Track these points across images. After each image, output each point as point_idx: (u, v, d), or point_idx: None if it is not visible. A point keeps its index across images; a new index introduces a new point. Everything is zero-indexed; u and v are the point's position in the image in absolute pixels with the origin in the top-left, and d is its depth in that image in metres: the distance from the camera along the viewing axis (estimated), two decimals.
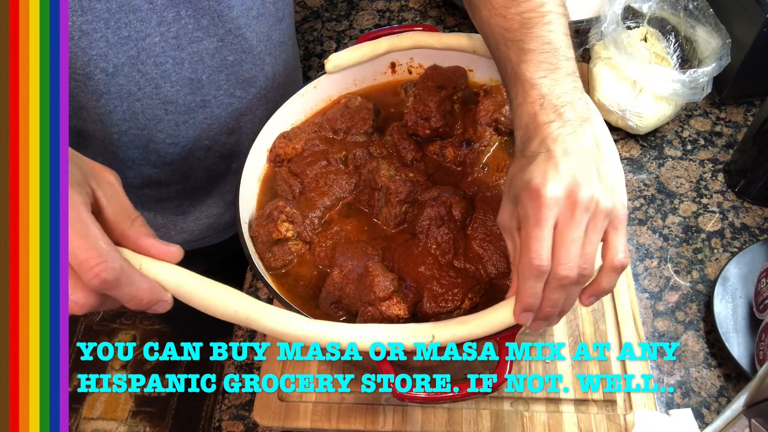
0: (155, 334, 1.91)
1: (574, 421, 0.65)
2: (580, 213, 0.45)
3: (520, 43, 0.53)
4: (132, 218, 0.44)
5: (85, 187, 0.42)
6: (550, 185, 0.45)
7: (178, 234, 0.91)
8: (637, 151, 0.89)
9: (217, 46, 0.71)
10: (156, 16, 0.65)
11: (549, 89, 0.50)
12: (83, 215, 0.39)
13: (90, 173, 0.43)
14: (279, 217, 0.63)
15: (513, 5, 0.55)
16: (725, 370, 0.70)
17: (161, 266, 0.44)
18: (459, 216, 0.62)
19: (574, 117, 0.49)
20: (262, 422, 0.68)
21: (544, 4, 0.54)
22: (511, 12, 0.55)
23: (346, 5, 1.16)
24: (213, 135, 0.79)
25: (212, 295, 0.46)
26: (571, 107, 0.50)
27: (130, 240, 0.44)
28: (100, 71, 0.65)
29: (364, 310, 0.56)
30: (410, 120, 0.71)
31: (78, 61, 0.63)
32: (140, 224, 0.45)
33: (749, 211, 0.82)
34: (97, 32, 0.62)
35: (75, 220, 0.39)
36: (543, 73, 0.51)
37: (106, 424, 1.75)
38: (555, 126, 0.48)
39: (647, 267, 0.79)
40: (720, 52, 0.82)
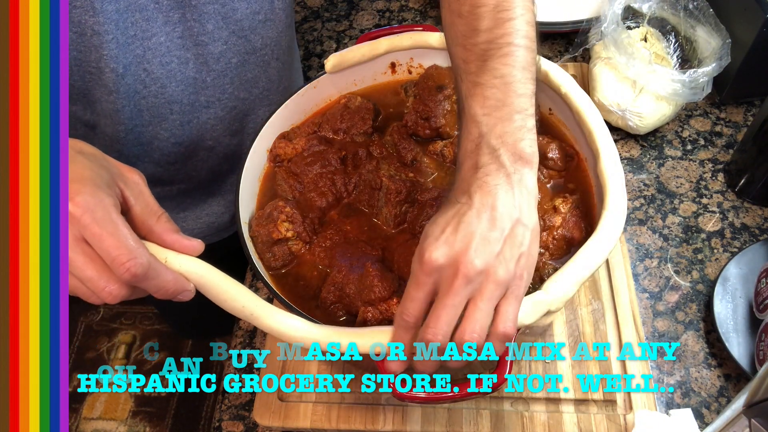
0: (155, 334, 1.91)
1: (574, 421, 0.65)
2: (460, 284, 0.43)
3: (472, 75, 0.50)
4: (158, 215, 0.49)
5: (114, 188, 0.46)
6: (436, 253, 0.44)
7: None
8: (637, 151, 0.89)
9: (222, 49, 0.71)
10: (162, 16, 0.65)
11: (489, 128, 0.47)
12: (113, 216, 0.43)
13: (118, 174, 0.47)
14: (279, 217, 0.63)
15: (473, 35, 0.51)
16: (725, 370, 0.70)
17: (184, 259, 0.49)
18: None
19: (510, 161, 0.46)
20: (262, 422, 0.68)
21: (505, 35, 0.50)
22: (471, 42, 0.52)
23: (346, 5, 1.16)
24: (216, 136, 0.80)
25: (226, 290, 0.50)
26: (510, 149, 0.46)
27: (156, 235, 0.48)
28: (111, 71, 0.65)
29: (364, 310, 0.56)
30: (410, 120, 0.71)
31: (91, 55, 0.63)
32: (165, 220, 0.49)
33: (749, 211, 0.82)
34: (108, 34, 0.62)
35: (106, 221, 0.42)
36: (487, 110, 0.48)
37: (106, 424, 1.75)
38: (483, 172, 0.46)
39: (647, 267, 0.79)
40: (720, 52, 0.82)
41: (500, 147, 0.47)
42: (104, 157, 0.48)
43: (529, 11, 0.52)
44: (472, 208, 0.45)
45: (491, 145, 0.47)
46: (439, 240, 0.44)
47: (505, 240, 0.44)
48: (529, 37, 0.51)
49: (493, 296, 0.44)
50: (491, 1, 0.52)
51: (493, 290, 0.44)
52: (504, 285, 0.44)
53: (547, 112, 0.71)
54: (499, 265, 0.44)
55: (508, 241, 0.44)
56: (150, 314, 1.94)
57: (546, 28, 1.01)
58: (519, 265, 0.45)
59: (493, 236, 0.44)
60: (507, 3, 0.51)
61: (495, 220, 0.44)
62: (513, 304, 0.45)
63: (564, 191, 0.65)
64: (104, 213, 0.42)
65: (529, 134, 0.48)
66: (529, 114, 0.49)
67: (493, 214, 0.45)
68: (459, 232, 0.44)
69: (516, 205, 0.45)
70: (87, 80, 0.66)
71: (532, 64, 0.51)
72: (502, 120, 0.48)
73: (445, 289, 0.44)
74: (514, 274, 0.44)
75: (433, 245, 0.44)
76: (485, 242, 0.44)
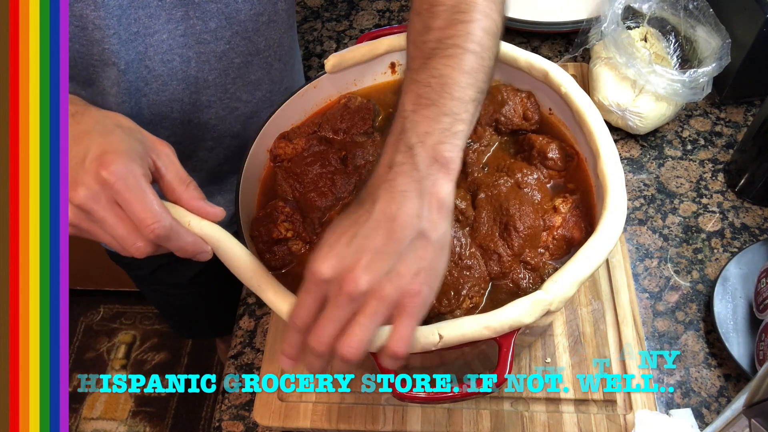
0: (155, 334, 1.91)
1: (574, 421, 0.65)
2: (344, 301, 0.42)
3: (413, 72, 0.49)
4: (186, 183, 0.54)
5: (146, 159, 0.51)
6: (323, 266, 0.43)
7: None
8: (637, 151, 0.89)
9: (225, 48, 0.71)
10: (165, 14, 0.65)
11: (413, 125, 0.46)
12: (142, 184, 0.49)
13: (151, 147, 0.52)
14: (279, 217, 0.63)
15: (425, 33, 0.50)
16: (725, 370, 0.70)
17: (205, 224, 0.53)
18: (459, 216, 0.62)
19: (425, 163, 0.44)
20: (262, 422, 0.68)
21: (455, 37, 0.49)
22: (421, 40, 0.51)
23: (346, 5, 1.16)
24: (217, 136, 0.79)
25: (240, 257, 0.55)
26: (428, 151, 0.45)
27: (184, 201, 0.53)
28: (113, 65, 0.65)
29: None
30: None
31: (93, 49, 0.64)
32: (193, 188, 0.54)
33: (749, 211, 0.82)
34: (110, 28, 0.62)
35: (136, 188, 0.48)
36: (416, 107, 0.47)
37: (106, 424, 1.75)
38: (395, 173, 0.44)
39: (647, 267, 0.79)
40: (720, 52, 0.82)
41: (418, 146, 0.45)
42: (140, 131, 0.54)
43: (487, 18, 0.51)
44: (371, 219, 0.43)
45: (410, 142, 0.45)
46: (331, 251, 0.43)
47: (401, 255, 0.43)
48: (482, 44, 0.49)
49: (377, 312, 0.42)
50: (450, 1, 0.51)
51: (376, 306, 0.42)
52: (390, 302, 0.42)
53: (547, 112, 0.71)
54: (387, 283, 0.42)
55: (406, 256, 0.43)
56: (150, 314, 1.94)
57: (546, 28, 1.01)
58: (416, 281, 0.43)
59: (388, 251, 0.42)
60: (465, 5, 0.50)
61: (393, 233, 0.43)
62: (405, 322, 0.43)
63: (564, 191, 0.65)
64: (135, 181, 0.48)
65: (453, 139, 0.46)
66: (460, 119, 0.47)
67: (392, 225, 0.43)
68: (352, 245, 0.43)
69: (421, 215, 0.43)
70: (91, 73, 0.67)
71: (478, 71, 0.49)
72: (428, 119, 0.46)
73: (331, 303, 0.43)
74: (406, 292, 0.42)
75: (324, 257, 0.43)
76: (377, 258, 0.42)
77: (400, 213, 0.43)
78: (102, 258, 1.02)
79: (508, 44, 0.69)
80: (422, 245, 0.43)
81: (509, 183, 0.63)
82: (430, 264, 0.44)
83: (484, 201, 0.63)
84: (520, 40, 1.04)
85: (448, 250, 0.46)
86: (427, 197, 0.44)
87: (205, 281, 1.04)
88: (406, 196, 0.43)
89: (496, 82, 0.73)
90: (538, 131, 0.70)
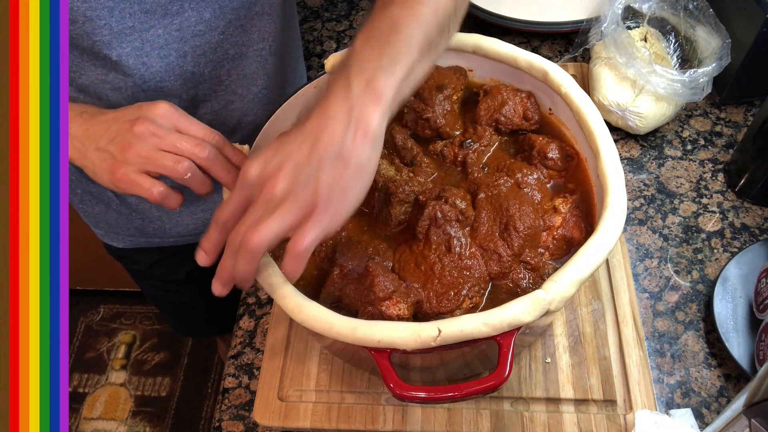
0: (155, 334, 1.91)
1: (574, 421, 0.65)
2: (261, 202, 0.47)
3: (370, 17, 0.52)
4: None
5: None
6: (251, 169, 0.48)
7: (173, 227, 0.91)
8: (637, 151, 0.89)
9: (219, 39, 0.71)
10: (160, 9, 0.65)
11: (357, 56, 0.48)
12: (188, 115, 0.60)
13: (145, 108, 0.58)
14: None
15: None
16: (725, 370, 0.70)
17: None
18: (459, 216, 0.62)
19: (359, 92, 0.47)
20: (262, 422, 0.68)
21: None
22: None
23: (346, 5, 1.16)
24: None
25: None
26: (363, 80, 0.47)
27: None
28: (104, 58, 0.65)
29: (364, 310, 0.56)
30: (410, 120, 0.71)
31: (83, 42, 0.64)
32: None
33: (749, 211, 0.82)
34: (101, 19, 0.62)
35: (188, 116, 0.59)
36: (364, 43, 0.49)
37: (106, 424, 1.75)
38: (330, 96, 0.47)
39: (647, 267, 0.79)
40: (720, 52, 0.82)
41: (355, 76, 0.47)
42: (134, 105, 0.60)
43: None
44: (300, 135, 0.47)
45: (350, 70, 0.48)
46: (260, 157, 0.48)
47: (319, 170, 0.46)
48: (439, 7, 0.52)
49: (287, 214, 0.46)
50: None
51: (288, 208, 0.46)
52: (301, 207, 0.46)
53: (547, 112, 0.71)
54: (302, 191, 0.46)
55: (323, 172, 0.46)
56: (150, 314, 1.94)
57: (546, 28, 1.01)
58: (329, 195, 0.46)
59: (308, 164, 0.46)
60: None
61: (316, 150, 0.46)
62: (310, 225, 0.46)
63: (564, 191, 0.65)
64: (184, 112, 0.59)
65: (390, 75, 0.47)
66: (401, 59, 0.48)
67: (316, 143, 0.46)
68: (278, 154, 0.47)
69: (345, 139, 0.46)
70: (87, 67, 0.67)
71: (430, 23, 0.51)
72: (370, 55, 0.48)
73: (252, 204, 0.48)
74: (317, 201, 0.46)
75: (255, 161, 0.48)
76: (297, 169, 0.46)
77: (324, 133, 0.46)
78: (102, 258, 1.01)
79: (508, 44, 0.69)
80: (340, 166, 0.46)
81: (509, 183, 0.63)
82: (346, 184, 0.47)
83: (484, 201, 0.63)
84: (520, 40, 1.04)
85: (369, 177, 0.48)
86: (354, 123, 0.46)
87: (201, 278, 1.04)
88: (335, 119, 0.47)
89: (496, 82, 0.73)
90: (538, 131, 0.70)
